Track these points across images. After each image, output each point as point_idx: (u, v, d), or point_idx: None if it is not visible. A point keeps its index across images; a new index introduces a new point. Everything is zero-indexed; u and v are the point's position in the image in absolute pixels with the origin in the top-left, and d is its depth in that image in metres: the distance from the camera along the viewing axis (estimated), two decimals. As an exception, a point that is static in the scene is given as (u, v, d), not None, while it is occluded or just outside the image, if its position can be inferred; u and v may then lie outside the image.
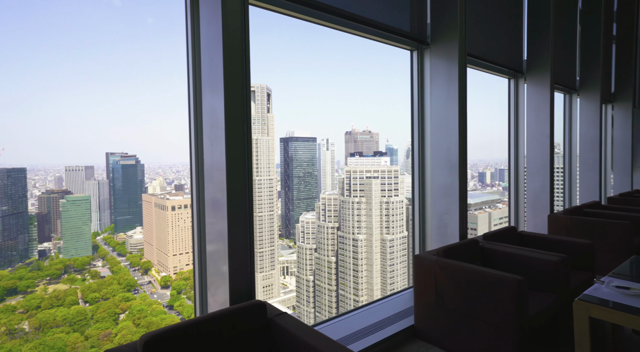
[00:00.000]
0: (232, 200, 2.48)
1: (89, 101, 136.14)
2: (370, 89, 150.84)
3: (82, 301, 49.08)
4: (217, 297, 2.64)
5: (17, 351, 36.09)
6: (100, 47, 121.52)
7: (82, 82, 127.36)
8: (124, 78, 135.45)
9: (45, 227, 66.76)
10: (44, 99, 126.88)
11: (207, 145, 2.72)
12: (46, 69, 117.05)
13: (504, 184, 48.11)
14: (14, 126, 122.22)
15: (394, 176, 42.97)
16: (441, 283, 3.15)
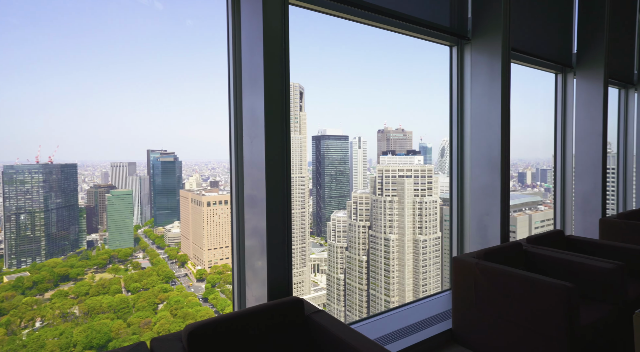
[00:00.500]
0: (271, 197, 2.52)
1: (133, 101, 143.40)
2: (404, 86, 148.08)
3: (125, 290, 52.15)
4: (255, 292, 2.70)
5: (69, 333, 38.93)
6: (143, 49, 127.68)
7: (126, 83, 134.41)
8: (165, 79, 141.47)
9: (92, 219, 71.43)
10: (92, 100, 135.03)
11: (247, 143, 2.78)
12: (94, 71, 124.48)
13: (546, 185, 45.57)
14: (67, 125, 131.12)
15: (428, 175, 41.91)
16: (482, 287, 3.03)
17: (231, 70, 2.97)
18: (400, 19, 3.89)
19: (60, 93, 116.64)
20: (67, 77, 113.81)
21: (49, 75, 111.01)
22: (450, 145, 4.82)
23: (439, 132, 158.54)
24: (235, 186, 2.96)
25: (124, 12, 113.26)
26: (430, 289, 37.77)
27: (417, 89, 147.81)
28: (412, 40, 61.45)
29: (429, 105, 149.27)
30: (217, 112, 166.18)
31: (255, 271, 2.71)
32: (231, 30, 2.94)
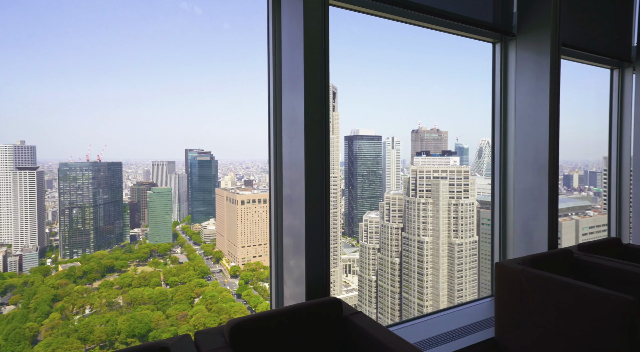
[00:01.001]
0: (310, 196, 2.53)
1: (173, 103, 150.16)
2: (441, 86, 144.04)
3: (164, 283, 54.68)
4: (292, 291, 2.72)
5: (114, 321, 41.48)
6: (182, 53, 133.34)
7: (166, 86, 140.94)
8: (203, 81, 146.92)
9: (135, 215, 75.50)
10: (137, 102, 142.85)
11: (286, 143, 2.81)
12: (137, 75, 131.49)
13: (595, 188, 42.61)
14: (113, 125, 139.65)
15: (464, 176, 40.62)
16: (528, 296, 2.88)
17: (271, 71, 3.02)
18: (441, 16, 3.78)
19: (108, 96, 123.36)
20: (114, 82, 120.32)
21: (99, 80, 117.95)
22: (493, 146, 4.62)
23: (476, 133, 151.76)
24: (273, 185, 3.00)
25: (166, 18, 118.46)
26: (467, 295, 36.46)
27: (454, 88, 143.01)
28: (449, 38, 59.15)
29: (466, 104, 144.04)
30: (252, 113, 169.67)
31: (293, 269, 2.73)
32: (271, 32, 2.99)
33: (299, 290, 2.66)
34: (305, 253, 2.54)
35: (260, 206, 74.35)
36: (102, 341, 40.94)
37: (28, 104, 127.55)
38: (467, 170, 41.91)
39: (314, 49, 2.58)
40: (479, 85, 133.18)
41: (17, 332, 38.36)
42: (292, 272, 2.78)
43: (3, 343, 37.75)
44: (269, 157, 3.12)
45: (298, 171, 2.63)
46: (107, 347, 40.92)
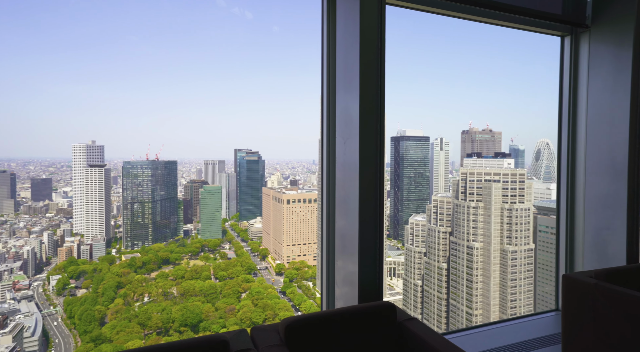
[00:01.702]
0: (364, 198, 2.50)
1: (223, 104, 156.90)
2: (494, 84, 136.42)
3: (214, 277, 57.21)
4: (344, 293, 2.71)
5: (169, 310, 44.25)
6: (232, 56, 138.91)
7: (217, 88, 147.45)
8: (252, 83, 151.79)
9: (188, 211, 79.84)
10: (190, 104, 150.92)
11: (340, 144, 2.80)
12: (191, 78, 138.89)
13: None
14: (169, 126, 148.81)
15: (519, 180, 38.08)
16: (603, 313, 2.61)
17: (325, 71, 3.02)
18: (502, 10, 3.56)
19: (165, 99, 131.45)
20: (170, 85, 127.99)
21: (157, 83, 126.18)
22: (559, 148, 4.27)
23: (533, 133, 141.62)
24: (325, 185, 3.01)
25: (219, 23, 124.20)
26: (521, 307, 34.05)
27: (510, 87, 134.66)
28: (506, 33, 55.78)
29: (523, 103, 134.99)
30: (299, 114, 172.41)
31: (345, 271, 2.72)
32: (326, 33, 3.00)
33: (351, 292, 2.64)
34: (358, 255, 2.51)
35: (306, 206, 75.40)
36: (158, 328, 43.96)
37: (97, 107, 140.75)
38: (523, 174, 39.26)
39: (369, 49, 2.54)
40: (540, 83, 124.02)
41: (88, 313, 42.53)
42: (343, 273, 2.77)
43: (78, 322, 42.08)
44: (321, 158, 3.13)
45: (352, 172, 2.61)
46: (162, 333, 43.95)
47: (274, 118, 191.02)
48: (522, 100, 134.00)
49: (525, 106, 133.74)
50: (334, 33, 2.93)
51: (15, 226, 64.77)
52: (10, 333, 35.99)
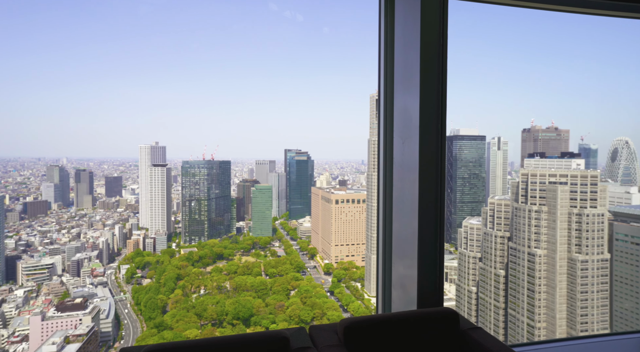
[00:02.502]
0: (424, 200, 2.43)
1: (274, 105, 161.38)
2: (560, 77, 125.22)
3: (264, 273, 59.04)
4: (401, 296, 2.65)
5: (222, 303, 46.45)
6: (283, 58, 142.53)
7: (268, 88, 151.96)
8: (302, 83, 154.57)
9: (241, 209, 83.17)
10: (243, 105, 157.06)
11: (398, 144, 2.75)
12: (244, 81, 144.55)
13: None
14: (224, 127, 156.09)
15: (591, 182, 34.59)
16: None
17: (382, 71, 2.98)
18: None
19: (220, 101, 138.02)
20: (224, 88, 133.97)
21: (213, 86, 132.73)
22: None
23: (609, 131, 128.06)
24: (382, 186, 2.97)
25: (271, 26, 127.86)
26: (594, 323, 30.75)
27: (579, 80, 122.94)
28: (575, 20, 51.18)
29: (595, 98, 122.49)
30: (348, 114, 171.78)
31: (402, 274, 2.66)
32: (383, 31, 2.96)
33: (408, 296, 2.57)
34: (417, 259, 2.44)
35: (354, 206, 75.06)
36: (213, 319, 46.49)
37: (162, 109, 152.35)
38: (596, 176, 35.69)
39: (430, 47, 2.46)
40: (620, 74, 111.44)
41: (152, 301, 46.25)
42: (400, 277, 2.71)
43: (143, 309, 46.03)
44: (377, 159, 3.09)
45: (410, 173, 2.55)
46: (217, 325, 46.44)
47: (323, 118, 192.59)
48: (594, 95, 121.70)
49: (597, 101, 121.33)
50: (392, 32, 2.88)
51: (92, 219, 72.29)
52: (89, 314, 40.26)
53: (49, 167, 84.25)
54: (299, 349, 1.91)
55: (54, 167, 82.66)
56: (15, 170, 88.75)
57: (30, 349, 37.24)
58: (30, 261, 53.23)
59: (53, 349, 34.38)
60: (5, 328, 41.00)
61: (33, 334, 38.43)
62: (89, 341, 37.19)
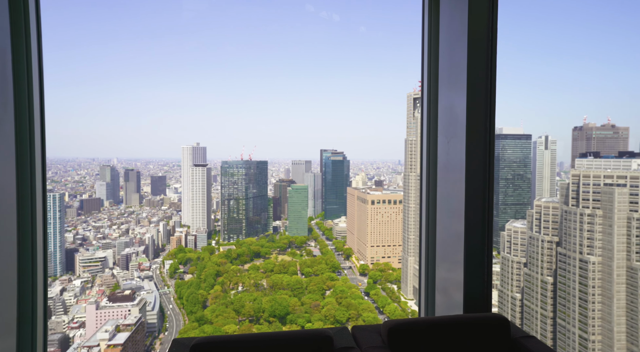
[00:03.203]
0: (471, 201, 2.34)
1: (310, 105, 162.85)
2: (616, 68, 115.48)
3: (300, 272, 59.70)
4: (446, 300, 2.57)
5: (259, 300, 47.47)
6: (319, 59, 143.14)
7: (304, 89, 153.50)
8: (338, 84, 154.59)
9: (277, 208, 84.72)
10: (279, 106, 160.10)
11: (442, 144, 2.67)
12: (280, 82, 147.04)
13: None
14: (261, 128, 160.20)
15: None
16: None
17: (425, 68, 2.91)
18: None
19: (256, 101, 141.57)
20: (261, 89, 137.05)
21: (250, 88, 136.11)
22: None
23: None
24: (425, 187, 2.89)
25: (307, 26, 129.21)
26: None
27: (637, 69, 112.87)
28: (635, 9, 46.96)
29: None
30: (385, 113, 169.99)
31: (447, 278, 2.58)
32: (427, 29, 2.88)
33: (454, 300, 2.49)
34: (464, 262, 2.36)
35: (391, 207, 73.87)
36: (250, 316, 47.71)
37: (202, 111, 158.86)
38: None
39: (478, 43, 2.37)
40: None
41: (193, 296, 48.40)
42: (444, 280, 2.63)
43: (185, 303, 48.33)
44: (420, 158, 3.02)
45: (456, 174, 2.46)
46: (254, 321, 47.66)
47: (359, 118, 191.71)
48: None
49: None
50: (436, 28, 2.80)
51: (139, 216, 76.86)
52: (137, 305, 42.93)
53: (101, 167, 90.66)
54: (343, 349, 1.91)
55: (106, 167, 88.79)
56: (73, 170, 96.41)
57: (86, 335, 40.41)
58: (86, 254, 57.61)
59: (106, 336, 37.00)
60: (65, 314, 44.83)
61: (89, 321, 41.71)
62: (136, 331, 39.60)
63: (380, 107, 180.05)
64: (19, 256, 2.07)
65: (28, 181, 2.14)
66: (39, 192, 2.22)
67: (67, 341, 41.28)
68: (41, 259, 2.23)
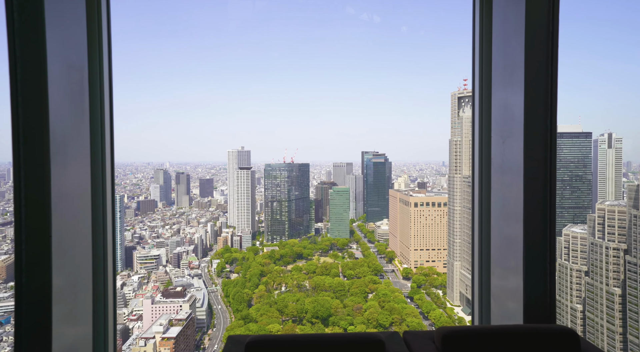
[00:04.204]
0: (530, 205, 2.20)
1: (351, 107, 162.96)
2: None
3: (342, 274, 59.64)
4: (503, 309, 2.44)
5: (302, 301, 48.02)
6: (362, 59, 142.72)
7: (344, 90, 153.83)
8: (377, 84, 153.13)
9: (319, 210, 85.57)
10: (321, 108, 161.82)
11: (497, 143, 2.53)
12: (322, 85, 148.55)
13: None
14: (302, 130, 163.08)
15: None
16: None
17: (477, 65, 2.79)
18: None
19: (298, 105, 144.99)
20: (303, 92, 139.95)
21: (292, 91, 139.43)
22: None
23: None
24: (477, 189, 2.77)
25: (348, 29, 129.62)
26: None
27: None
28: None
29: None
30: (428, 114, 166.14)
31: (504, 285, 2.44)
32: (478, 22, 2.76)
33: (511, 309, 2.35)
34: (524, 269, 2.22)
35: (435, 210, 71.39)
36: (293, 316, 48.43)
37: (246, 116, 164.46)
38: None
39: (537, 38, 2.22)
40: None
41: (239, 294, 50.13)
42: (501, 287, 2.50)
43: (232, 301, 50.26)
44: (472, 159, 2.89)
45: (513, 176, 2.33)
46: (297, 322, 48.32)
47: (401, 119, 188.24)
48: None
49: None
50: (489, 22, 2.67)
51: (189, 217, 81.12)
52: (188, 302, 45.39)
53: (156, 170, 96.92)
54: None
55: (159, 170, 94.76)
56: (131, 173, 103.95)
57: (143, 327, 43.47)
58: (142, 252, 61.84)
59: (160, 329, 39.53)
60: (125, 307, 48.50)
61: (145, 314, 44.81)
62: (187, 326, 41.80)
63: (422, 108, 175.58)
64: (93, 253, 2.27)
65: (100, 183, 2.35)
66: (108, 193, 2.43)
67: (127, 332, 44.61)
68: (110, 255, 2.44)
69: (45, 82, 1.87)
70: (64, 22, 2.04)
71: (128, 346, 40.71)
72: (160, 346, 38.70)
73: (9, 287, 47.26)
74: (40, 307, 1.92)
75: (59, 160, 1.97)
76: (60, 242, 1.98)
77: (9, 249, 53.46)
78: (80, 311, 2.20)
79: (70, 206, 2.10)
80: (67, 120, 2.08)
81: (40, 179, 1.88)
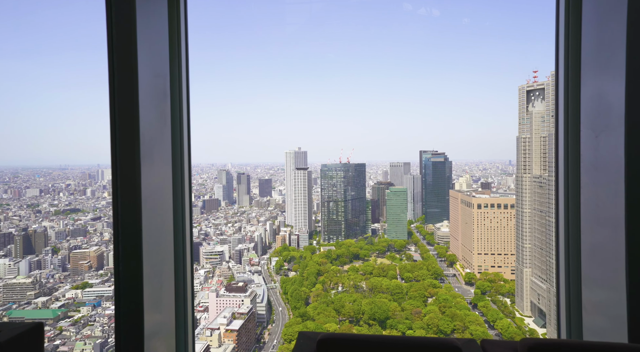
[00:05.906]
0: (634, 208, 1.92)
1: (407, 105, 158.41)
2: None
3: (400, 277, 58.23)
4: (597, 326, 2.17)
5: (359, 302, 47.78)
6: (421, 55, 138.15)
7: (400, 88, 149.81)
8: (437, 80, 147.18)
9: (375, 211, 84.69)
10: (375, 106, 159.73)
11: (588, 138, 2.26)
12: (376, 83, 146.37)
13: None
14: (357, 130, 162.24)
15: None
16: None
17: (561, 50, 2.52)
18: None
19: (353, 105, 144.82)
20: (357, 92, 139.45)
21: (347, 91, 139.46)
22: None
23: None
24: (563, 190, 2.50)
25: (405, 25, 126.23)
26: None
27: None
28: None
29: None
30: (492, 111, 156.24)
31: (598, 297, 2.17)
32: (563, 5, 2.50)
33: (608, 326, 2.09)
34: (627, 283, 1.95)
35: (500, 212, 66.49)
36: (350, 316, 48.36)
37: (303, 117, 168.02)
38: None
39: (639, 17, 1.94)
40: None
41: (297, 292, 51.39)
42: (595, 299, 2.22)
43: (290, 298, 51.73)
44: (556, 157, 2.62)
45: (610, 174, 2.06)
46: (354, 322, 48.19)
47: (461, 116, 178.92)
48: None
49: None
50: (576, 3, 2.41)
51: (249, 215, 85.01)
52: (249, 297, 47.69)
53: (219, 171, 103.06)
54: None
55: (222, 171, 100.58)
56: (197, 174, 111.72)
57: (209, 318, 46.65)
58: (207, 248, 66.17)
59: (224, 321, 42.05)
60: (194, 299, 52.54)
61: (211, 306, 47.98)
62: (249, 320, 43.84)
63: (485, 104, 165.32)
64: (175, 247, 2.47)
65: (179, 183, 2.54)
66: (186, 193, 2.62)
67: (195, 321, 48.19)
68: (188, 249, 2.62)
69: (136, 90, 2.06)
70: (151, 36, 2.24)
71: (196, 335, 44.04)
72: (224, 337, 41.17)
73: (99, 274, 53.49)
74: (133, 292, 2.14)
75: (146, 162, 2.16)
76: (149, 236, 2.18)
77: (99, 241, 60.41)
78: (165, 299, 2.39)
79: (155, 204, 2.30)
80: (153, 125, 2.27)
81: (132, 180, 2.09)
